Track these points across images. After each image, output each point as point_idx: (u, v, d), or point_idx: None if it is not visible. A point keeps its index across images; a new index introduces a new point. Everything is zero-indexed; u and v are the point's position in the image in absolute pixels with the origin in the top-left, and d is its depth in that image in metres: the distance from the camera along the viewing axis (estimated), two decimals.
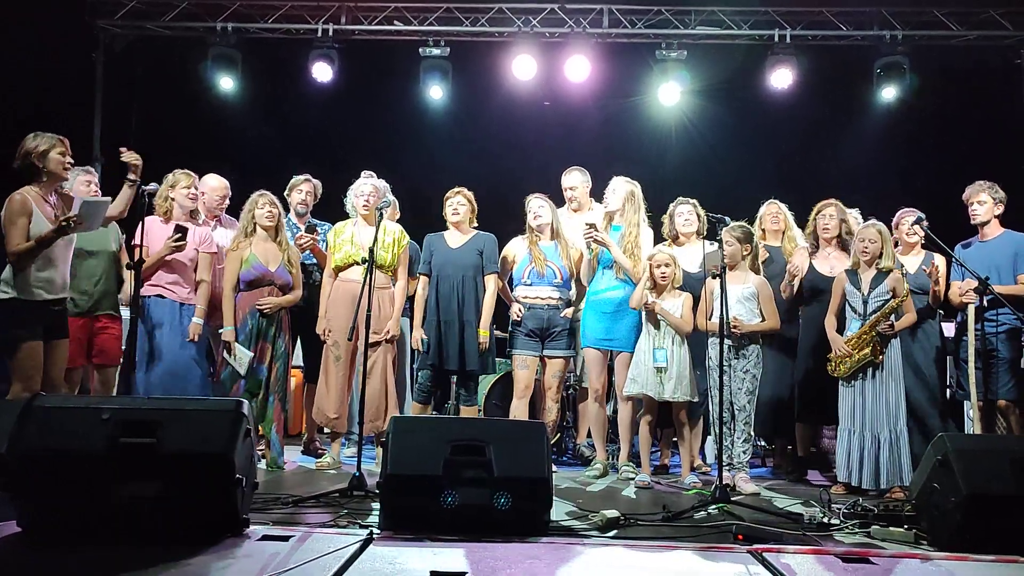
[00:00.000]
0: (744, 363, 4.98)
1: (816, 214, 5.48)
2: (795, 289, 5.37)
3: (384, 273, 5.27)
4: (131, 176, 4.76)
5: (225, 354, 5.11)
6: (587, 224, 5.24)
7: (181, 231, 5.04)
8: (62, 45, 7.34)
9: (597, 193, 5.89)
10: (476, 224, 5.55)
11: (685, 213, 5.51)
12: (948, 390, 5.40)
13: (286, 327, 5.33)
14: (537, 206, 5.44)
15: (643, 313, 5.12)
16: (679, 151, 8.52)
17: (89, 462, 3.08)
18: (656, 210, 5.72)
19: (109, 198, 4.87)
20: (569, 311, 5.41)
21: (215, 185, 5.69)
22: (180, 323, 5.12)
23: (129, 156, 4.75)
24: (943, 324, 5.42)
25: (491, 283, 5.40)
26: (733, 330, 4.87)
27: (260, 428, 5.11)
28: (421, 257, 5.49)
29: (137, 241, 4.64)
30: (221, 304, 5.24)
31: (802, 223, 5.70)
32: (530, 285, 5.35)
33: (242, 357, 5.06)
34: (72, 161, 4.51)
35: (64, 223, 4.25)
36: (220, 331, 5.18)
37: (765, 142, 8.39)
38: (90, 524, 3.10)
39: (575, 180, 5.94)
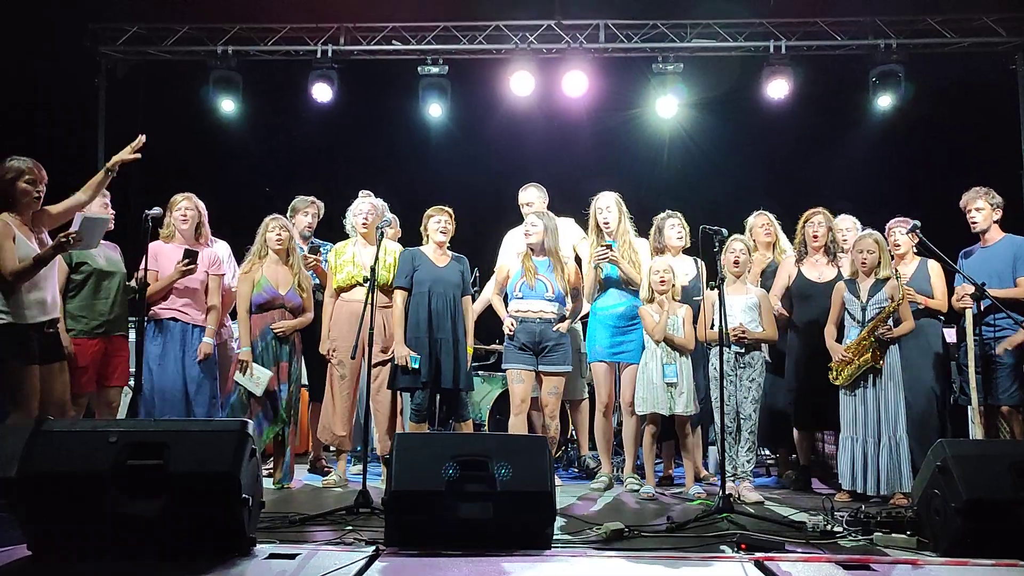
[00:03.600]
0: (750, 372, 5.01)
1: (805, 222, 5.54)
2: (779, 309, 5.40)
3: (386, 293, 5.30)
4: (110, 166, 4.49)
5: (239, 376, 5.05)
6: (602, 245, 5.28)
7: (191, 255, 5.07)
8: (65, 73, 7.44)
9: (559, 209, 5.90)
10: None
11: (677, 226, 5.56)
12: (951, 395, 5.40)
13: (299, 350, 5.34)
14: (530, 223, 5.41)
15: (643, 329, 5.17)
16: (677, 163, 8.58)
17: (97, 484, 3.12)
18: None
19: (110, 215, 4.83)
20: (563, 325, 5.34)
21: None
22: (192, 345, 5.16)
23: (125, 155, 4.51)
24: (944, 330, 5.45)
25: (470, 304, 5.47)
26: (742, 336, 4.92)
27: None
28: (398, 270, 5.32)
29: (143, 264, 4.66)
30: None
31: (792, 233, 5.75)
32: (522, 298, 5.30)
33: (260, 377, 5.04)
34: (41, 189, 4.29)
35: (64, 240, 4.15)
36: (237, 351, 5.17)
37: (762, 152, 8.44)
38: (99, 544, 3.14)
39: (531, 196, 5.91)
